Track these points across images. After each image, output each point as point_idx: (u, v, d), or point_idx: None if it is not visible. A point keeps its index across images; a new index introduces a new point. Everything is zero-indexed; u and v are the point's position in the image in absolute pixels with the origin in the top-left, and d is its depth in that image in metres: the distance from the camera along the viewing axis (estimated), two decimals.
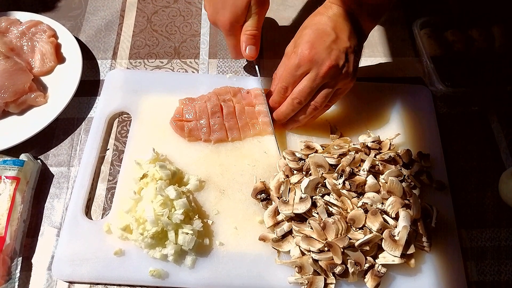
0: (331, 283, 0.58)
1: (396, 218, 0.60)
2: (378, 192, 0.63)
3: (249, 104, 0.72)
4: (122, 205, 0.63)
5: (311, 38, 0.61)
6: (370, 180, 0.62)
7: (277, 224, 0.62)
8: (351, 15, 0.63)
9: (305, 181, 0.61)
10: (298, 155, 0.66)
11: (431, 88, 0.76)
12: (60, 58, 0.77)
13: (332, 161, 0.64)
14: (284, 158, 0.66)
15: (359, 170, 0.64)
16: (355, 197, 0.62)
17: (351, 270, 0.57)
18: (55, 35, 0.79)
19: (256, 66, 0.74)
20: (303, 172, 0.65)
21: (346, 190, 0.62)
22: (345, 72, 0.61)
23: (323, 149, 0.67)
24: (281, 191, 0.63)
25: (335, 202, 0.60)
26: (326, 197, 0.61)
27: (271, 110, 0.69)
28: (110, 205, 0.65)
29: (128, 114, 0.73)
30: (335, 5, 0.64)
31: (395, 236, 0.59)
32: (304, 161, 0.66)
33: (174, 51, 0.82)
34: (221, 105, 0.71)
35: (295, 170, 0.65)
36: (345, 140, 0.69)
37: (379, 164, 0.65)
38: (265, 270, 0.60)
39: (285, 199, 0.62)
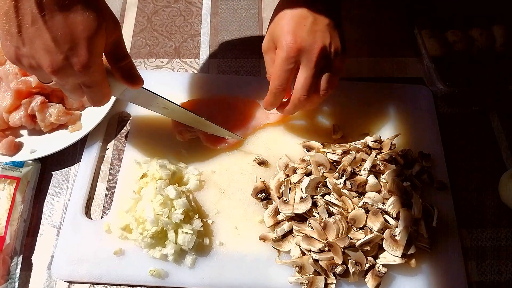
0: (332, 283, 0.58)
1: (397, 218, 0.60)
2: (379, 192, 0.62)
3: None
4: (122, 205, 0.63)
5: (292, 27, 0.58)
6: (371, 180, 0.62)
7: (277, 223, 0.62)
8: None
9: (306, 180, 0.61)
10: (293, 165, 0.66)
11: (432, 88, 0.76)
12: None
13: (335, 157, 0.64)
14: None
15: (360, 170, 0.64)
16: (356, 197, 0.62)
17: (351, 270, 0.57)
18: None
19: None
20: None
21: (347, 190, 0.62)
22: (335, 49, 0.59)
23: (323, 145, 0.67)
24: (281, 191, 0.63)
25: (336, 202, 0.60)
26: (327, 197, 0.61)
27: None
28: (110, 205, 0.65)
29: (128, 113, 0.73)
30: None
31: (396, 236, 0.59)
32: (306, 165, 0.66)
33: (175, 51, 0.82)
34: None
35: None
36: (346, 139, 0.69)
37: (380, 164, 0.64)
38: (265, 270, 0.60)
39: (285, 199, 0.62)
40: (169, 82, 0.76)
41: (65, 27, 0.45)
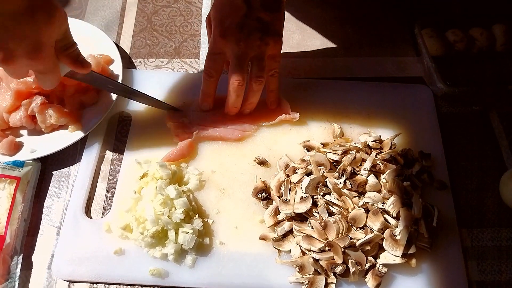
0: (332, 283, 0.58)
1: (397, 217, 0.60)
2: (379, 191, 0.62)
3: None
4: (122, 204, 0.63)
5: (221, 19, 0.59)
6: (371, 179, 0.62)
7: (277, 223, 0.62)
8: None
9: (306, 180, 0.61)
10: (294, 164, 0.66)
11: (432, 87, 0.76)
12: None
13: (335, 157, 0.64)
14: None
15: (360, 170, 0.64)
16: (356, 196, 0.62)
17: (352, 269, 0.57)
18: None
19: None
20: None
21: (347, 190, 0.62)
22: (269, 37, 0.60)
23: (323, 145, 0.67)
24: (281, 191, 0.63)
25: (336, 201, 0.60)
26: (327, 197, 0.61)
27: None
28: (110, 204, 0.65)
29: (129, 113, 0.73)
30: None
31: (396, 235, 0.59)
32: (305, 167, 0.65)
33: (175, 50, 0.82)
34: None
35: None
36: (346, 139, 0.69)
37: (380, 163, 0.64)
38: (266, 269, 0.60)
39: (285, 199, 0.62)
40: (169, 82, 0.76)
41: (30, 28, 0.51)
